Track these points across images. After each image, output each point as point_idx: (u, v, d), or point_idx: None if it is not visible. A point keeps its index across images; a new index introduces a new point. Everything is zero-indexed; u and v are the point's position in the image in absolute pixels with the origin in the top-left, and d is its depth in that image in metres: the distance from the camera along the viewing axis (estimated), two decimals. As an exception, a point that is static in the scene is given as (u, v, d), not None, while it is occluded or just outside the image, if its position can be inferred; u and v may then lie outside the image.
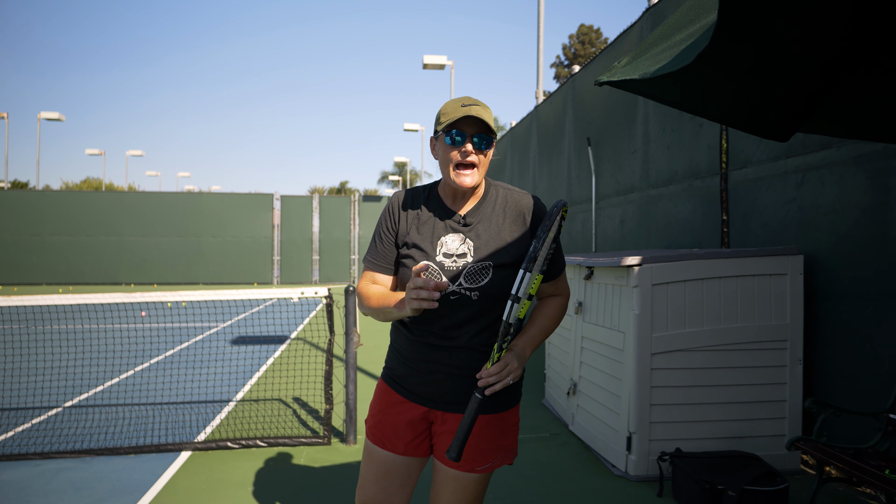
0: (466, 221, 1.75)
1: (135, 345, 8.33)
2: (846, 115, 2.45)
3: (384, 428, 1.84)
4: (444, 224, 1.76)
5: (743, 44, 1.81)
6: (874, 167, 3.51)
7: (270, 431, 4.51)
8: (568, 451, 4.19)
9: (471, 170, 1.70)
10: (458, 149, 1.69)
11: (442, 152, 1.73)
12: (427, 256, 1.73)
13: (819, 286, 3.86)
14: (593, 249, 7.49)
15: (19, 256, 20.89)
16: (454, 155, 1.69)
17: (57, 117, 25.95)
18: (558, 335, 5.03)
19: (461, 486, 1.78)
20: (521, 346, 1.71)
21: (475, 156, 1.69)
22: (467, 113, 1.66)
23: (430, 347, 1.75)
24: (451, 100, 1.75)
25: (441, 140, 1.73)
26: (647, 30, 6.23)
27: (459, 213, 1.77)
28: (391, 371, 1.88)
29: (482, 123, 1.69)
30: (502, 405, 1.80)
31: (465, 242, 1.73)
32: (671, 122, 5.69)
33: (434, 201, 1.81)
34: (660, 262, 3.61)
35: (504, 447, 1.81)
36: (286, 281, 22.12)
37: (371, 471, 1.87)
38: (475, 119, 1.68)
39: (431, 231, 1.76)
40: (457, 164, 1.70)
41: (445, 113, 1.71)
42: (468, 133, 1.69)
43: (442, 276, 1.71)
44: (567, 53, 45.19)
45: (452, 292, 1.70)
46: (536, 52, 11.79)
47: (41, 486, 3.53)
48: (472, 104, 1.69)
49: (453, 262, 1.72)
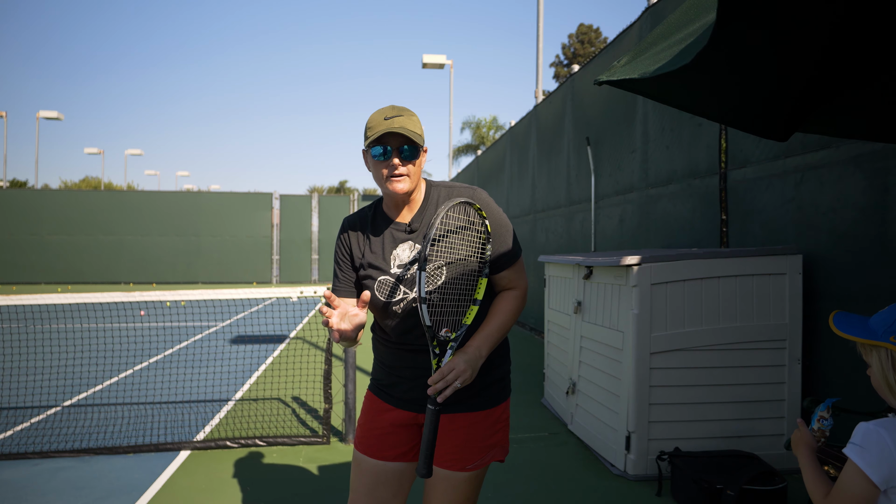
0: (412, 228, 1.77)
1: (134, 344, 8.32)
2: (845, 114, 2.46)
3: (371, 436, 1.84)
4: (392, 237, 1.78)
5: (742, 43, 1.81)
6: (873, 167, 3.52)
7: (269, 431, 4.51)
8: (567, 450, 4.20)
9: (402, 177, 1.70)
10: (386, 163, 1.70)
11: (372, 167, 1.75)
12: (382, 272, 1.76)
13: (818, 286, 3.86)
14: (592, 249, 7.50)
15: (18, 255, 20.87)
16: (384, 171, 1.70)
17: (56, 116, 25.93)
18: (557, 335, 5.03)
19: (452, 485, 1.76)
20: (475, 346, 1.68)
21: (403, 167, 1.70)
22: (388, 128, 1.65)
23: (412, 353, 1.77)
24: (377, 111, 1.74)
25: (369, 156, 1.74)
26: (646, 29, 6.23)
27: (404, 221, 1.79)
28: (377, 382, 1.88)
29: (406, 136, 1.68)
30: (488, 402, 1.78)
31: (414, 249, 1.75)
32: (670, 121, 5.69)
33: (380, 217, 1.83)
34: (659, 261, 3.62)
35: (494, 444, 1.79)
36: (285, 280, 22.12)
37: (361, 482, 1.84)
38: (397, 133, 1.67)
39: (381, 247, 1.78)
40: (388, 176, 1.70)
41: (370, 127, 1.70)
42: (393, 146, 1.69)
43: (399, 287, 1.74)
44: (566, 53, 45.19)
45: (414, 299, 1.72)
46: (536, 52, 11.79)
47: (40, 485, 3.53)
48: (395, 115, 1.69)
49: (407, 271, 1.74)
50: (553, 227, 9.20)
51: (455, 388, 1.59)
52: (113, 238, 21.37)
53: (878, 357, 1.33)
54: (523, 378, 6.38)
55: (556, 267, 5.15)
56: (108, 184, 47.89)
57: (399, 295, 1.74)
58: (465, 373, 1.60)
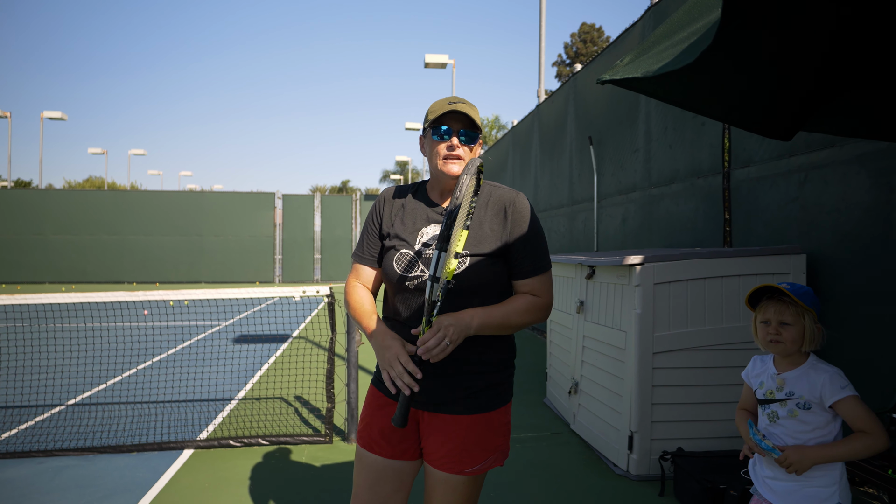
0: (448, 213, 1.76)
1: (137, 343, 8.34)
2: (850, 113, 2.45)
3: (372, 431, 1.84)
4: (426, 216, 1.82)
5: (746, 42, 1.80)
6: (877, 166, 3.50)
7: (272, 430, 4.52)
8: (569, 450, 4.19)
9: (458, 160, 1.77)
10: (444, 143, 1.77)
11: (430, 147, 1.81)
12: (407, 245, 1.78)
13: (822, 285, 3.85)
14: (595, 248, 7.49)
15: (22, 255, 20.94)
16: (441, 148, 1.77)
17: (60, 116, 25.99)
18: (560, 334, 5.03)
19: (451, 488, 1.75)
20: (468, 314, 1.66)
21: (461, 149, 1.77)
22: (454, 108, 1.74)
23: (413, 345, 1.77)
24: (440, 99, 1.82)
25: (429, 136, 1.81)
26: (649, 28, 6.22)
27: (443, 206, 1.82)
28: (379, 375, 1.89)
29: (468, 119, 1.77)
30: (486, 405, 1.77)
31: None
32: (673, 120, 5.68)
33: (420, 195, 1.88)
34: (662, 261, 3.61)
35: (493, 448, 1.78)
36: (288, 280, 22.14)
37: (363, 477, 1.85)
38: (461, 115, 1.76)
39: (413, 222, 1.82)
40: (444, 156, 1.77)
41: (433, 111, 1.79)
42: (454, 128, 1.78)
43: (418, 264, 1.76)
44: (569, 52, 45.13)
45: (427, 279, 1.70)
46: (538, 51, 11.78)
47: (44, 483, 3.54)
48: (459, 101, 1.78)
49: (431, 251, 1.74)
50: (555, 226, 9.19)
51: (443, 347, 1.59)
52: (116, 238, 21.42)
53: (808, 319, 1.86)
54: (526, 378, 6.38)
55: (559, 266, 5.14)
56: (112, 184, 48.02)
57: (416, 271, 1.75)
58: (448, 328, 1.60)
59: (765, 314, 1.92)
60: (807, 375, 1.86)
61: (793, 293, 1.85)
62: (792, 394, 1.86)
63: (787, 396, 1.87)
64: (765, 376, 1.96)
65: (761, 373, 1.98)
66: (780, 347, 1.88)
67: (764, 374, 1.97)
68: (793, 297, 1.85)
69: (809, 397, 1.83)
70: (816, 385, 1.83)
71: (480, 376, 1.75)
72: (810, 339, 1.86)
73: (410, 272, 1.75)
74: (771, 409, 1.89)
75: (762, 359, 2.02)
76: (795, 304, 1.85)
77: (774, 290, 1.90)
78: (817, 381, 1.84)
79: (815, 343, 1.87)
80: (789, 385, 1.88)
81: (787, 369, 1.91)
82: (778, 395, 1.89)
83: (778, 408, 1.88)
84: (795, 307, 1.86)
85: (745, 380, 2.06)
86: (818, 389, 1.83)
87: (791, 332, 1.86)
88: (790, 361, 1.91)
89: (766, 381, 1.94)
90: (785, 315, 1.87)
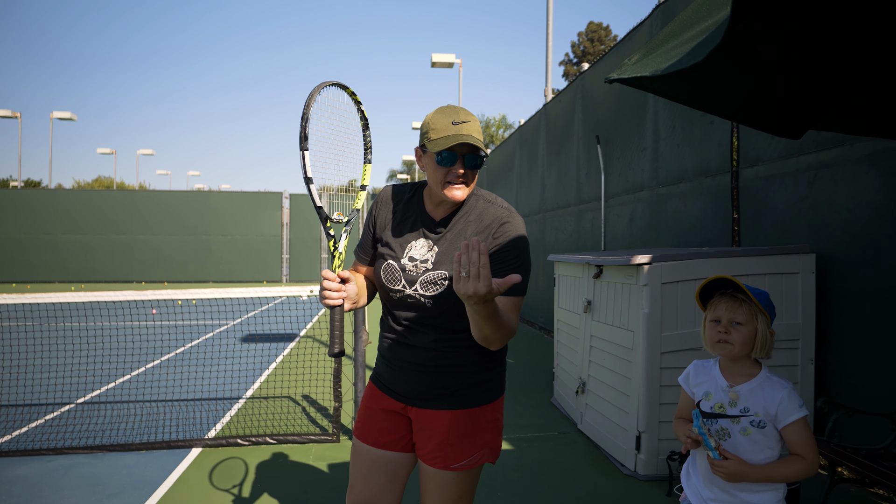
0: (437, 230, 1.76)
1: (146, 342, 8.39)
2: (860, 112, 2.43)
3: (366, 422, 1.88)
4: (418, 229, 1.78)
5: (755, 40, 1.79)
6: (888, 165, 3.47)
7: (280, 428, 4.54)
8: (576, 450, 4.18)
9: (462, 185, 1.68)
10: (448, 169, 1.66)
11: (430, 168, 1.69)
12: (394, 257, 1.78)
13: (831, 285, 3.82)
14: (602, 248, 7.46)
15: (32, 255, 21.12)
16: (444, 176, 1.67)
17: (69, 117, 26.18)
18: (567, 334, 5.02)
19: (441, 484, 1.77)
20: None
21: (465, 175, 1.67)
22: (460, 138, 1.61)
23: (400, 345, 1.80)
24: (439, 112, 1.68)
25: (430, 157, 1.68)
26: (657, 27, 6.19)
27: (436, 218, 1.77)
28: (376, 369, 1.93)
29: (475, 145, 1.64)
30: (471, 401, 1.77)
31: (431, 250, 1.75)
32: (681, 119, 5.66)
33: (416, 203, 1.81)
34: (669, 260, 3.59)
35: (481, 444, 1.78)
36: (295, 279, 22.21)
37: (357, 467, 1.88)
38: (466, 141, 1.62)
39: (404, 232, 1.79)
40: (448, 181, 1.67)
41: (435, 130, 1.65)
42: (459, 153, 1.64)
43: (401, 278, 1.75)
44: (576, 51, 45.01)
45: (409, 296, 1.74)
46: (545, 50, 11.75)
47: (54, 481, 3.57)
48: (463, 121, 1.64)
49: (415, 267, 1.74)
50: (563, 226, 9.17)
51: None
52: (125, 237, 21.57)
53: (762, 322, 1.68)
54: (532, 377, 6.37)
55: (566, 266, 5.13)
56: (121, 183, 48.33)
57: (398, 285, 1.76)
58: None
59: (715, 311, 1.73)
60: (762, 390, 1.67)
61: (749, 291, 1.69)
62: (747, 410, 1.66)
63: (741, 413, 1.67)
64: (711, 386, 1.75)
65: (705, 381, 1.77)
66: (728, 349, 1.69)
67: (709, 383, 1.76)
68: (748, 292, 1.67)
69: (765, 415, 1.65)
70: (773, 401, 1.65)
71: (463, 376, 1.76)
72: (762, 344, 1.67)
73: (395, 285, 1.76)
74: (720, 424, 1.68)
75: (704, 364, 1.82)
76: (750, 302, 1.68)
77: (727, 285, 1.71)
78: (774, 397, 1.65)
79: (766, 350, 1.68)
80: (744, 400, 1.67)
81: (739, 381, 1.70)
82: (731, 410, 1.68)
83: (729, 424, 1.67)
84: (750, 306, 1.68)
85: (683, 386, 1.84)
86: (775, 406, 1.64)
87: (742, 332, 1.67)
88: (740, 371, 1.72)
89: (715, 393, 1.73)
90: (737, 314, 1.68)
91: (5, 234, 21.14)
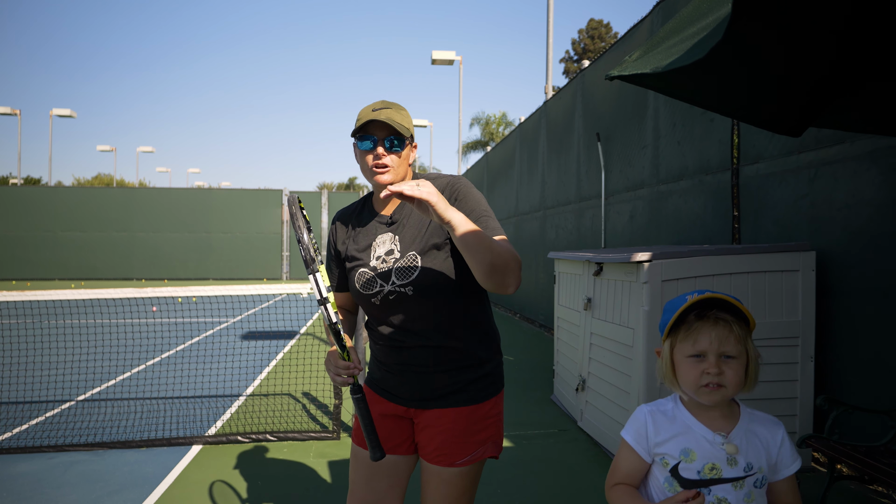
0: (392, 220, 1.79)
1: (146, 340, 8.40)
2: (861, 108, 2.42)
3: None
4: (374, 229, 1.81)
5: (756, 37, 1.79)
6: (889, 162, 3.47)
7: (280, 426, 4.54)
8: (576, 447, 4.19)
9: (385, 169, 1.73)
10: (370, 153, 1.73)
11: (359, 158, 1.78)
12: (363, 264, 1.78)
13: (831, 283, 3.82)
14: (602, 245, 7.46)
15: (32, 252, 21.12)
16: (368, 160, 1.74)
17: (69, 114, 26.19)
18: (567, 331, 5.02)
19: (444, 481, 1.77)
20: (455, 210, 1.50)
21: (388, 157, 1.72)
22: (375, 117, 1.69)
23: (395, 350, 1.78)
24: (367, 105, 1.78)
25: (356, 146, 1.77)
26: (657, 24, 6.18)
27: (388, 214, 1.82)
28: (371, 374, 1.92)
29: (391, 126, 1.70)
30: (472, 398, 1.77)
31: (393, 240, 1.77)
32: (682, 116, 5.65)
33: (367, 211, 1.87)
34: (670, 258, 3.59)
35: (484, 439, 1.78)
36: (295, 276, 22.22)
37: (358, 473, 1.87)
38: (384, 123, 1.70)
39: (364, 239, 1.82)
40: (372, 166, 1.73)
41: (358, 119, 1.74)
42: (379, 137, 1.72)
43: (376, 279, 1.74)
44: (576, 48, 44.94)
45: (390, 292, 1.73)
46: (546, 47, 11.74)
47: (55, 478, 3.57)
48: (383, 108, 1.73)
49: (383, 263, 1.75)
50: (563, 223, 9.16)
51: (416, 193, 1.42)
52: (125, 235, 21.57)
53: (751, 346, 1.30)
54: (532, 375, 6.37)
55: (566, 263, 5.13)
56: (121, 181, 48.32)
57: (376, 287, 1.75)
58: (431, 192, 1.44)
59: (697, 344, 1.27)
60: (753, 434, 1.29)
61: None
62: (750, 467, 1.27)
63: (745, 473, 1.26)
64: (690, 441, 1.29)
65: (677, 435, 1.31)
66: (721, 395, 1.26)
67: (685, 436, 1.30)
68: (743, 308, 1.27)
69: (766, 468, 1.29)
70: (773, 444, 1.30)
71: (463, 371, 1.76)
72: (754, 376, 1.28)
73: (371, 289, 1.76)
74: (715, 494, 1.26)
75: (662, 410, 1.35)
76: (738, 321, 1.27)
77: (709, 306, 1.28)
78: (771, 442, 1.29)
79: (755, 382, 1.29)
80: (744, 453, 1.27)
81: (722, 426, 1.30)
82: (731, 471, 1.26)
83: (730, 492, 1.26)
84: (740, 329, 1.27)
85: (633, 445, 1.36)
86: (776, 450, 1.29)
87: (735, 369, 1.26)
88: (720, 413, 1.31)
89: (700, 450, 1.28)
90: (727, 344, 1.25)
91: (5, 232, 21.14)
